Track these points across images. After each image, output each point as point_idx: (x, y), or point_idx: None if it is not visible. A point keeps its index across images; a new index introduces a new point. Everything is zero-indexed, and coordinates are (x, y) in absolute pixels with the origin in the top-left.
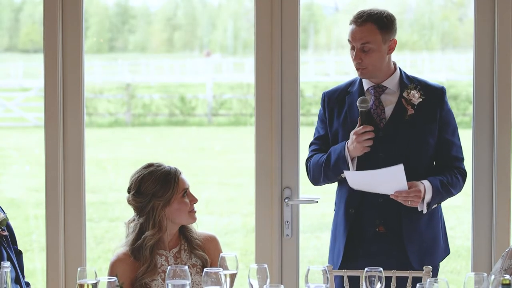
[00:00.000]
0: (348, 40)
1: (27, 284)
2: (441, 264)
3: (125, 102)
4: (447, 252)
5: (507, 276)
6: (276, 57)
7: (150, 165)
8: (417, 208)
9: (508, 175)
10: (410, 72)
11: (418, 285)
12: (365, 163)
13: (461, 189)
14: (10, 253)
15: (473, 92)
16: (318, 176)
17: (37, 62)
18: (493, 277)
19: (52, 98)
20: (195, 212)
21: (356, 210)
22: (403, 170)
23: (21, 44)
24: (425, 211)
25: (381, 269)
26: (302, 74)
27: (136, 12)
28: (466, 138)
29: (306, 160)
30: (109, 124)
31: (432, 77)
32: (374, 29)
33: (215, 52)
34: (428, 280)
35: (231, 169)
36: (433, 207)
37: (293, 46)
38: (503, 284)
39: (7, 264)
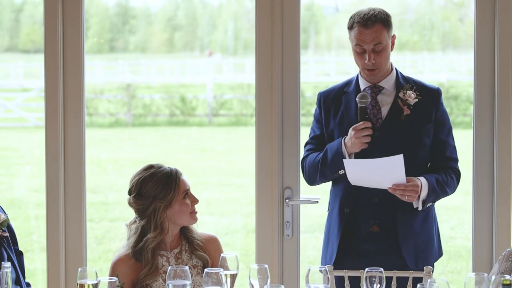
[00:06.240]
0: (357, 45)
1: (28, 284)
2: (441, 264)
3: (125, 103)
4: (440, 253)
5: (508, 276)
6: (276, 58)
7: (151, 166)
8: (411, 208)
9: (509, 175)
10: (410, 72)
11: (418, 285)
12: None
13: (455, 189)
14: (11, 254)
15: (473, 93)
16: (314, 175)
17: (38, 62)
18: (493, 277)
19: (52, 98)
20: (196, 212)
21: (351, 210)
22: (403, 161)
23: (21, 44)
24: (420, 208)
25: (382, 269)
26: (302, 75)
27: (136, 13)
28: (466, 138)
29: (302, 160)
30: (110, 124)
31: (432, 78)
32: (382, 28)
33: (216, 52)
34: (429, 280)
35: (232, 170)
36: (427, 206)
37: (294, 46)
38: (503, 285)
39: (7, 264)
